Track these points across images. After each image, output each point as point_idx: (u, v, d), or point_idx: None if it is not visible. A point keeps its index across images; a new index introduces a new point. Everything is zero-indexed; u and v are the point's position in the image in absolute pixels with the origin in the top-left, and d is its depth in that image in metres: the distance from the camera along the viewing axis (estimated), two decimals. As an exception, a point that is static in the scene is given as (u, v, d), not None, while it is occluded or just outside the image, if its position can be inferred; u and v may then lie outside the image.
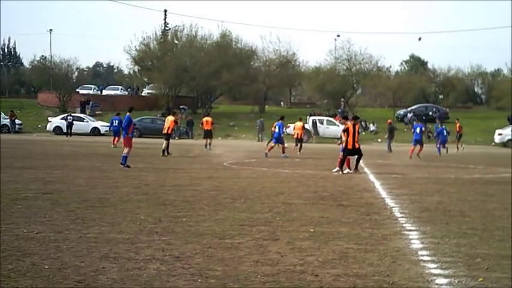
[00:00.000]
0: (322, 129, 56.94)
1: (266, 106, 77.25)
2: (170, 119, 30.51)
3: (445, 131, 39.98)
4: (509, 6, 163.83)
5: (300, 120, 37.98)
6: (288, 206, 12.91)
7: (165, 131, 30.26)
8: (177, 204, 12.77)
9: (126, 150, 22.00)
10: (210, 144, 37.19)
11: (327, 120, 59.33)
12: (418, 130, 34.24)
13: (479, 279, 7.22)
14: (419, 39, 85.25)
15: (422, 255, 8.40)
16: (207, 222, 10.63)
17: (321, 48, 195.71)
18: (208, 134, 37.87)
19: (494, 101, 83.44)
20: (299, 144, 36.00)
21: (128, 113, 23.49)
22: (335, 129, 57.05)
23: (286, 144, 32.48)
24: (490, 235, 10.00)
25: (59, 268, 7.36)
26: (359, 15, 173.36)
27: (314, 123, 57.01)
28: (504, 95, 73.83)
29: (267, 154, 30.67)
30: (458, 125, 47.63)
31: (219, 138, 52.00)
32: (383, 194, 15.71)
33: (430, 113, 66.96)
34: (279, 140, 31.76)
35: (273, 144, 32.01)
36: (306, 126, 56.66)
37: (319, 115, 64.20)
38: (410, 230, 10.31)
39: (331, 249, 8.70)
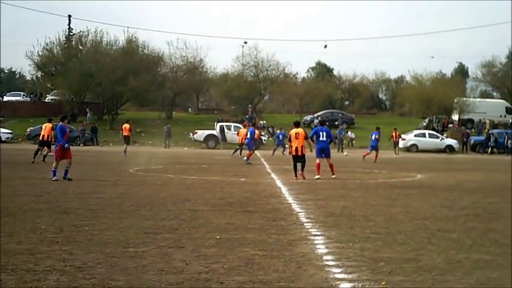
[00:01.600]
0: (230, 135, 56.99)
1: (173, 112, 76.84)
2: (48, 126, 28.93)
3: (280, 136, 46.16)
4: (412, 14, 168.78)
5: (244, 127, 39.41)
6: (194, 213, 12.78)
7: (42, 138, 28.96)
8: (80, 213, 12.45)
9: (54, 164, 20.00)
10: (125, 151, 38.03)
11: (235, 126, 59.45)
12: (373, 137, 37.57)
13: (382, 283, 7.29)
14: (325, 46, 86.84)
15: (327, 260, 8.43)
16: (110, 231, 10.39)
17: (229, 54, 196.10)
18: (126, 140, 38.94)
19: (398, 107, 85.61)
20: (240, 150, 37.41)
21: (60, 123, 21.13)
22: (243, 135, 57.16)
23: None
24: (393, 239, 10.15)
25: (-49, 282, 7.03)
26: (266, 22, 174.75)
27: (222, 129, 57.03)
28: (407, 101, 75.77)
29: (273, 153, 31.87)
30: (396, 133, 50.33)
31: (126, 144, 51.22)
32: (290, 199, 15.77)
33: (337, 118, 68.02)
34: (281, 142, 33.11)
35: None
36: (214, 132, 56.70)
37: (226, 121, 64.32)
38: (315, 235, 10.36)
39: (237, 256, 8.63)
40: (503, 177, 26.04)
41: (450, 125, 67.43)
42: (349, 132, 63.57)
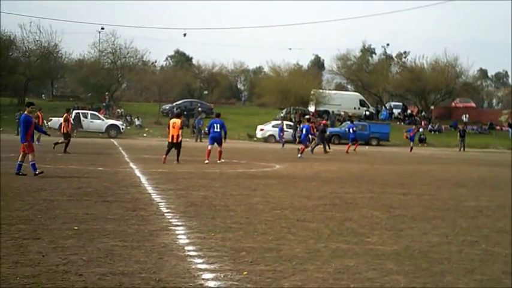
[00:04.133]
0: (86, 123, 55.80)
1: (26, 98, 74.15)
2: None
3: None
4: (270, 6, 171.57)
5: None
6: (50, 203, 12.38)
7: None
8: None
9: (30, 156, 18.54)
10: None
11: (91, 114, 58.25)
12: (351, 130, 43.44)
13: (244, 273, 7.32)
14: (184, 35, 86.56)
15: (189, 251, 8.38)
16: (-40, 222, 9.88)
17: (85, 40, 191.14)
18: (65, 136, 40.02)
19: (256, 98, 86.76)
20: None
21: (25, 112, 18.75)
22: (99, 123, 56.19)
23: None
24: (254, 229, 10.22)
25: None
26: (124, 9, 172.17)
27: (77, 117, 55.67)
28: (265, 92, 76.86)
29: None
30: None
31: (-25, 131, 49.01)
32: (149, 189, 15.60)
33: (199, 109, 67.97)
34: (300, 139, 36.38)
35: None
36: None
37: (83, 109, 62.93)
38: (176, 225, 10.28)
39: (96, 247, 8.41)
40: (357, 167, 26.98)
41: (306, 116, 68.97)
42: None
